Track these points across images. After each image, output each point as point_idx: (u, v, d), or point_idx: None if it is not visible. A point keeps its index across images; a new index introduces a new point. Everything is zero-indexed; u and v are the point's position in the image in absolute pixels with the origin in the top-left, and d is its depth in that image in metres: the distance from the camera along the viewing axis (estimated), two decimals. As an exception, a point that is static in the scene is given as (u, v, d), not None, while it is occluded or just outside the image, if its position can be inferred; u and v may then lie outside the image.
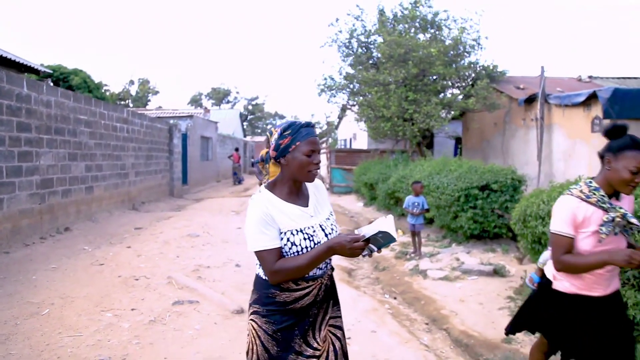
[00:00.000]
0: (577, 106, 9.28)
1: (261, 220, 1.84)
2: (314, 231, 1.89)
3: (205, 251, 7.21)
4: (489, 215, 7.20)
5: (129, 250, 7.09)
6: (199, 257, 6.81)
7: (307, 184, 2.02)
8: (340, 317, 2.08)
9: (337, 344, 2.02)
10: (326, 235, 1.91)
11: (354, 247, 1.73)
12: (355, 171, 14.96)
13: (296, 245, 1.85)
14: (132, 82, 51.97)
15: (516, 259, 6.51)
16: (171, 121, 16.36)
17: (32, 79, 7.55)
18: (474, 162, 8.31)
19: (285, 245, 1.85)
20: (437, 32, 13.18)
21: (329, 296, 2.03)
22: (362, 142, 20.71)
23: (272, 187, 1.96)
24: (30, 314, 4.37)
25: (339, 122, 26.93)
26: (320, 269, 1.93)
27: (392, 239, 1.73)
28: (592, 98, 8.71)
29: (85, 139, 9.05)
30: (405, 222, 7.82)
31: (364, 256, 1.81)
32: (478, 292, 5.35)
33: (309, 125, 1.92)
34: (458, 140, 16.79)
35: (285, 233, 1.85)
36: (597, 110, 8.66)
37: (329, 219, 2.00)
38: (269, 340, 1.89)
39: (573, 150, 9.52)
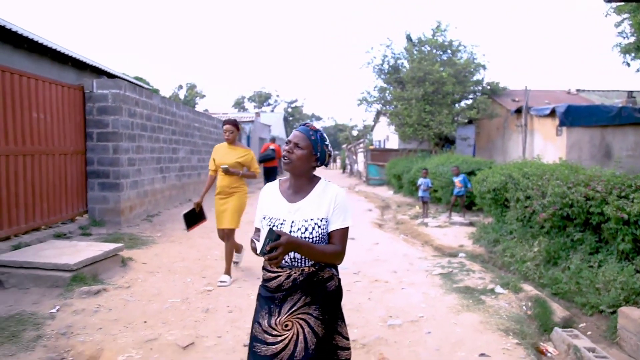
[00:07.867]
0: (547, 117, 12.69)
1: (259, 202, 2.23)
2: (281, 223, 2.03)
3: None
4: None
5: (238, 211, 11.05)
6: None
7: (327, 192, 2.09)
8: (314, 316, 2.04)
9: (307, 329, 2.01)
10: (290, 232, 1.99)
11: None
12: (387, 166, 18.66)
13: (262, 229, 2.03)
14: (180, 87, 56.81)
15: (490, 219, 10.06)
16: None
17: (177, 102, 11.56)
18: (467, 157, 11.90)
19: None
20: (452, 54, 16.74)
21: (302, 291, 2.04)
22: (393, 142, 24.31)
23: (283, 180, 2.24)
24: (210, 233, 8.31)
25: (373, 126, 30.68)
26: (286, 261, 2.03)
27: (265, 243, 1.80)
28: (554, 111, 12.13)
29: (197, 139, 13.11)
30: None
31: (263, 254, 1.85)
32: (456, 232, 9.00)
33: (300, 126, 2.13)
34: (476, 141, 20.21)
35: (263, 217, 2.14)
36: (557, 121, 12.07)
37: (307, 220, 2.02)
38: (256, 303, 2.20)
39: (546, 149, 12.92)
